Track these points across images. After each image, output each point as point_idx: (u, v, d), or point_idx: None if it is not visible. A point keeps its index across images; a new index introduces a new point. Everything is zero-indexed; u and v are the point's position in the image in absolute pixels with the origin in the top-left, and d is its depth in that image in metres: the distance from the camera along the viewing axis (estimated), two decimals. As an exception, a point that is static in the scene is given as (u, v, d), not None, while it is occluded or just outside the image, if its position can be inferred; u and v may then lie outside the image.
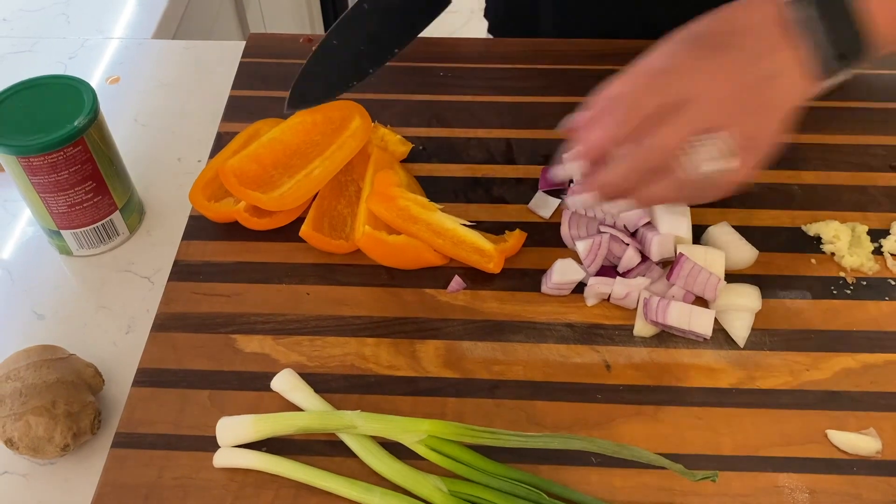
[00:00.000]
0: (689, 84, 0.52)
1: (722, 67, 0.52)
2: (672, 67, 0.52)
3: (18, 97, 0.64)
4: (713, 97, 0.51)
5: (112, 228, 0.69)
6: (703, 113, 0.51)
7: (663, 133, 0.51)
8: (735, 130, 0.52)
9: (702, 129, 0.51)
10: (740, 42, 0.52)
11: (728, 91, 0.51)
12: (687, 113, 0.51)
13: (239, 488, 0.54)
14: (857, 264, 0.65)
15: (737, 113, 0.52)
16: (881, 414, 0.57)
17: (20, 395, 0.55)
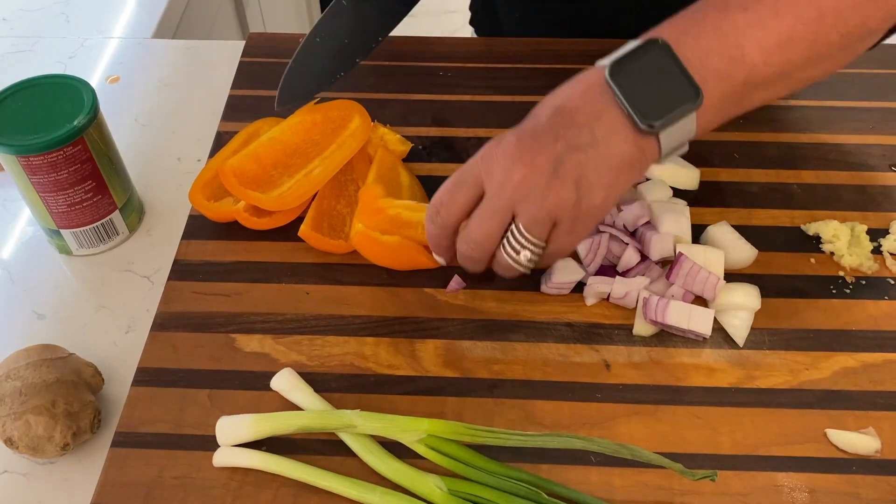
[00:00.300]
0: (488, 171, 0.54)
1: (524, 150, 0.53)
2: (482, 158, 0.55)
3: (18, 97, 0.64)
4: (507, 184, 0.53)
5: (112, 228, 0.69)
6: (499, 204, 0.54)
7: (472, 226, 0.55)
8: (529, 214, 0.53)
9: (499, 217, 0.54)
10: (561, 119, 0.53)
11: (519, 177, 0.53)
12: (485, 204, 0.54)
13: (239, 487, 0.54)
14: (856, 264, 0.65)
15: (528, 198, 0.53)
16: (880, 413, 0.57)
17: (20, 395, 0.55)
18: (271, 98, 0.78)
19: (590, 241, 0.63)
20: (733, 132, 0.75)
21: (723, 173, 0.72)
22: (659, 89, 0.52)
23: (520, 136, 0.54)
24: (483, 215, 0.55)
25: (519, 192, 0.53)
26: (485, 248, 0.56)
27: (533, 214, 0.53)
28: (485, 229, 0.55)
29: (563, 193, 0.53)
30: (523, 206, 0.53)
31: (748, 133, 0.75)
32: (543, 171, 0.52)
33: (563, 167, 0.52)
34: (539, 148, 0.53)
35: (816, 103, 0.77)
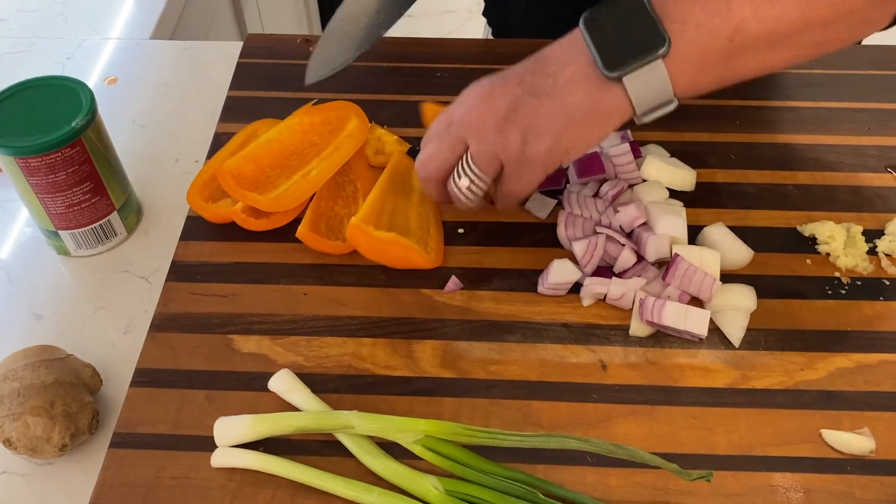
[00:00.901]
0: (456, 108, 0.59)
1: (489, 92, 0.57)
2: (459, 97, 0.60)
3: (16, 98, 0.64)
4: (464, 120, 0.58)
5: (110, 229, 0.69)
6: (454, 133, 0.58)
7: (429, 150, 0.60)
8: (475, 148, 0.57)
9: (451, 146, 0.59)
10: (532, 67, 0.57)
11: (477, 114, 0.57)
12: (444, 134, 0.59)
13: (237, 488, 0.54)
14: (851, 264, 0.65)
15: (478, 133, 0.57)
16: (875, 413, 0.57)
17: (18, 396, 0.55)
18: (269, 99, 0.79)
19: (587, 243, 0.64)
20: (730, 133, 0.75)
21: (719, 174, 0.72)
22: (628, 37, 0.51)
23: (491, 79, 0.58)
24: (440, 142, 0.59)
25: (472, 128, 0.57)
26: (435, 171, 0.60)
27: (479, 149, 0.57)
28: (437, 153, 0.59)
29: (511, 137, 0.56)
30: (473, 140, 0.57)
31: (744, 134, 0.75)
32: (498, 113, 0.56)
33: (517, 112, 0.55)
34: (501, 91, 0.57)
35: (812, 104, 0.77)
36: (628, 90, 0.53)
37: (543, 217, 0.69)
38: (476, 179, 0.58)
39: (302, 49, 0.84)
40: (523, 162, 0.56)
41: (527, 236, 0.68)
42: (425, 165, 0.61)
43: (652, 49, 0.51)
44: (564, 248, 0.67)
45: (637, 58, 0.51)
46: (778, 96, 0.78)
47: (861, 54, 0.82)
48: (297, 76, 0.80)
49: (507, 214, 0.69)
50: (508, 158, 0.57)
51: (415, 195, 0.69)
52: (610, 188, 0.67)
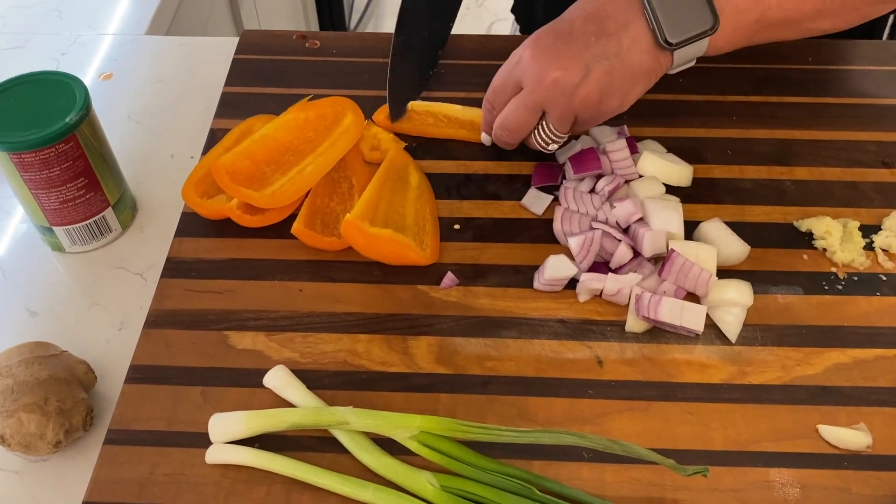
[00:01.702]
0: (527, 70, 0.63)
1: (558, 53, 0.61)
2: (523, 58, 0.63)
3: (10, 93, 0.64)
4: (542, 83, 0.62)
5: (104, 225, 0.69)
6: (532, 99, 0.63)
7: (508, 113, 0.65)
8: (557, 113, 0.63)
9: (531, 112, 0.64)
10: (593, 27, 0.61)
11: (554, 76, 0.61)
12: (521, 97, 0.64)
13: (231, 484, 0.54)
14: (848, 260, 0.65)
15: (559, 97, 0.62)
16: (872, 409, 0.57)
17: (12, 392, 0.55)
18: (265, 95, 0.78)
19: (583, 238, 0.63)
20: (726, 129, 0.75)
21: (716, 170, 0.72)
22: (684, 12, 0.60)
23: (556, 39, 0.62)
24: (518, 106, 0.64)
25: (551, 92, 0.62)
26: (516, 134, 0.67)
27: (561, 113, 0.63)
28: (519, 119, 0.65)
29: (587, 98, 0.61)
30: (553, 105, 0.63)
31: (741, 129, 0.75)
32: (574, 75, 0.61)
33: (592, 73, 0.61)
34: (572, 54, 0.61)
35: (809, 100, 0.77)
36: (675, 55, 0.61)
37: (539, 213, 0.69)
38: (560, 139, 0.66)
39: (298, 45, 0.83)
40: (597, 116, 0.64)
41: (523, 232, 0.67)
42: (506, 133, 0.66)
43: (705, 27, 0.60)
44: (560, 243, 0.67)
45: (692, 34, 0.60)
46: (775, 92, 0.78)
47: (857, 50, 0.82)
48: (293, 72, 0.81)
49: (503, 211, 0.69)
50: (586, 114, 0.63)
51: (411, 191, 0.69)
52: (606, 184, 0.67)
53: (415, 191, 0.69)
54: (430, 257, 0.65)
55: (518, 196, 0.70)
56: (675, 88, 0.77)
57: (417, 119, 0.75)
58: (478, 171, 0.72)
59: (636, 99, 0.64)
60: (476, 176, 0.72)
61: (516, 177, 0.72)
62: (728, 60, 0.80)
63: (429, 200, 0.69)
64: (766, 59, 0.80)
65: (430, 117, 0.75)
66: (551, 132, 0.65)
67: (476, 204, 0.70)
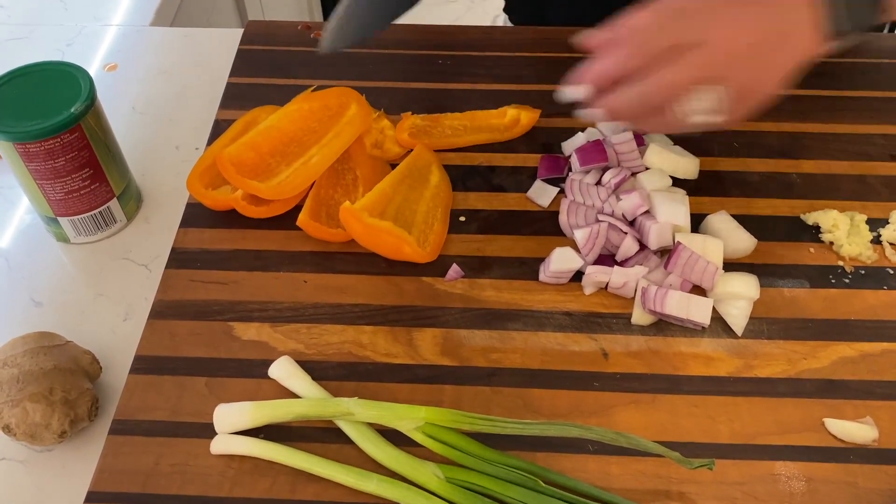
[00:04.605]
0: (703, 30, 0.52)
1: (738, 18, 0.52)
2: (693, 10, 0.53)
3: (15, 83, 0.64)
4: (722, 47, 0.52)
5: (109, 216, 0.69)
6: (708, 61, 0.52)
7: (665, 73, 0.52)
8: (732, 84, 0.53)
9: (703, 76, 0.52)
10: None
11: (739, 43, 0.52)
12: (694, 58, 0.52)
13: (236, 475, 0.54)
14: (855, 253, 0.65)
15: (740, 66, 0.52)
16: (878, 402, 0.57)
17: (17, 382, 0.55)
18: (270, 86, 0.78)
19: (588, 231, 0.63)
20: (733, 121, 0.74)
21: (722, 162, 0.71)
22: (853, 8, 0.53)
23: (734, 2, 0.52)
24: (689, 67, 0.52)
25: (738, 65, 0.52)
26: (666, 96, 0.53)
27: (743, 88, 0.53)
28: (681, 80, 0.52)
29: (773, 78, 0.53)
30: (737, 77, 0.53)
31: (748, 122, 0.74)
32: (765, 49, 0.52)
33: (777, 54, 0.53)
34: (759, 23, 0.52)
35: (817, 93, 0.77)
36: None
37: (545, 205, 0.68)
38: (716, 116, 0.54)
39: (303, 36, 0.83)
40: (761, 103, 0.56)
41: (528, 224, 0.67)
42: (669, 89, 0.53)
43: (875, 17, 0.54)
44: (566, 236, 0.66)
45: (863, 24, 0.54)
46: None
47: (867, 42, 0.81)
48: (298, 63, 0.80)
49: (508, 203, 0.69)
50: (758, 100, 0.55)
51: (428, 189, 0.68)
52: (612, 176, 0.67)
53: (432, 189, 0.69)
54: (427, 255, 0.64)
55: (524, 188, 0.70)
56: (681, 80, 0.77)
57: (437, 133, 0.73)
58: (483, 162, 0.72)
59: None
60: (481, 168, 0.72)
61: (522, 169, 0.71)
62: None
63: (443, 200, 0.68)
64: (773, 52, 0.80)
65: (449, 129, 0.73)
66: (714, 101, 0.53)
67: (481, 196, 0.70)
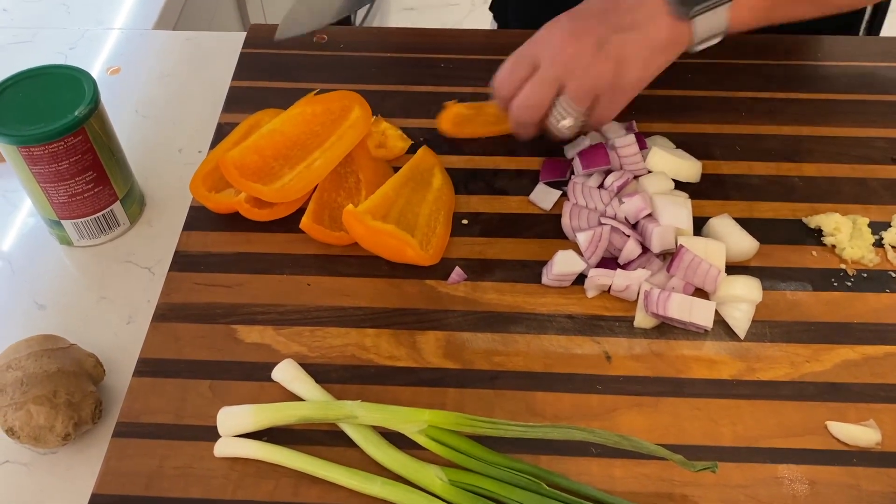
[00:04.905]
0: (542, 49, 0.63)
1: (574, 30, 0.62)
2: (538, 37, 0.64)
3: (19, 87, 0.64)
4: (557, 60, 0.62)
5: (113, 219, 0.69)
6: (548, 76, 0.62)
7: (526, 91, 0.64)
8: (574, 86, 0.62)
9: (548, 87, 0.62)
10: (609, 4, 0.61)
11: (570, 52, 0.61)
12: (538, 74, 0.63)
13: (240, 478, 0.54)
14: (857, 256, 0.65)
15: (575, 71, 0.61)
16: (881, 405, 0.57)
17: (21, 385, 0.55)
18: (272, 89, 0.79)
19: (591, 234, 0.63)
20: (735, 125, 0.75)
21: (724, 166, 0.72)
22: None
23: (572, 19, 0.63)
24: (535, 84, 0.63)
25: (568, 66, 0.61)
26: (536, 111, 0.64)
27: (578, 87, 0.62)
28: (537, 96, 0.63)
29: (605, 68, 0.61)
30: (570, 79, 0.62)
31: (750, 126, 0.75)
32: (589, 49, 0.61)
33: (607, 46, 0.60)
34: (587, 28, 0.61)
35: (818, 96, 0.77)
36: (695, 26, 0.61)
37: (548, 208, 0.69)
38: (577, 115, 0.63)
39: (305, 39, 0.83)
40: (616, 89, 0.62)
41: (531, 227, 0.67)
42: (526, 112, 0.64)
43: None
44: (569, 239, 0.67)
45: (708, 2, 0.59)
46: (784, 88, 0.78)
47: (867, 46, 0.82)
48: (301, 66, 0.81)
49: (510, 206, 0.69)
50: (604, 89, 0.62)
51: (431, 192, 0.69)
52: (615, 179, 0.67)
53: (435, 192, 0.69)
54: (430, 258, 0.65)
55: (526, 191, 0.70)
56: (684, 84, 0.77)
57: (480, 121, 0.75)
58: (486, 166, 0.72)
59: (659, 71, 0.63)
60: (484, 171, 0.72)
61: (524, 172, 0.71)
62: (737, 56, 0.80)
63: (446, 203, 0.68)
64: (775, 56, 0.80)
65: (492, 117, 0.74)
66: (569, 105, 0.63)
67: (484, 199, 0.70)
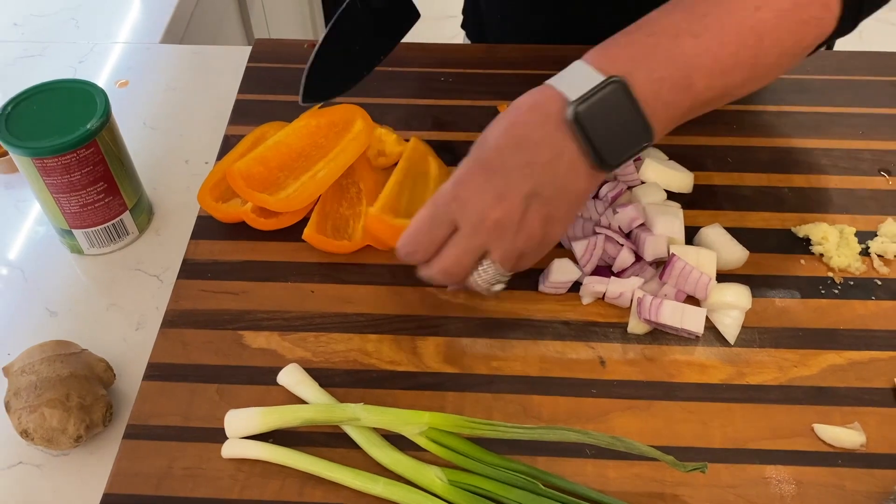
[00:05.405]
0: (464, 211, 0.56)
1: (497, 190, 0.55)
2: (457, 197, 0.57)
3: (34, 100, 0.66)
4: (480, 227, 0.56)
5: (122, 228, 0.71)
6: (473, 243, 0.57)
7: (447, 257, 0.58)
8: (500, 253, 0.57)
9: (472, 255, 0.57)
10: (525, 157, 0.55)
11: (497, 217, 0.56)
12: (459, 239, 0.57)
13: (246, 478, 0.56)
14: (844, 265, 0.67)
15: (501, 238, 0.56)
16: (866, 409, 0.59)
17: (35, 388, 0.57)
18: (277, 102, 0.81)
19: (586, 243, 0.65)
20: (726, 137, 0.77)
21: (716, 177, 0.74)
22: (616, 130, 0.55)
23: (489, 176, 0.56)
24: (458, 251, 0.57)
25: (494, 233, 0.56)
26: (457, 277, 0.59)
27: (506, 252, 0.57)
28: (460, 263, 0.58)
29: (533, 231, 0.57)
30: (497, 245, 0.57)
31: (741, 138, 0.77)
32: (515, 213, 0.56)
33: (532, 208, 0.56)
34: (509, 190, 0.55)
35: (807, 109, 0.79)
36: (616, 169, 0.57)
37: (544, 218, 0.71)
38: (504, 278, 0.59)
39: (309, 54, 0.85)
40: (541, 248, 0.59)
41: (528, 236, 0.69)
42: (447, 278, 0.59)
43: (642, 142, 0.56)
44: (565, 247, 0.69)
45: (629, 150, 0.56)
46: (774, 101, 0.80)
47: (855, 61, 0.84)
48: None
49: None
50: (530, 249, 0.58)
51: (431, 181, 0.71)
52: (609, 190, 0.69)
53: (435, 180, 0.71)
54: None
55: (523, 202, 0.72)
56: (676, 98, 0.79)
57: None
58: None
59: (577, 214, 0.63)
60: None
61: (522, 183, 0.73)
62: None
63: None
64: (765, 70, 0.82)
65: None
66: (496, 273, 0.58)
67: (483, 209, 0.71)
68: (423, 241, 0.58)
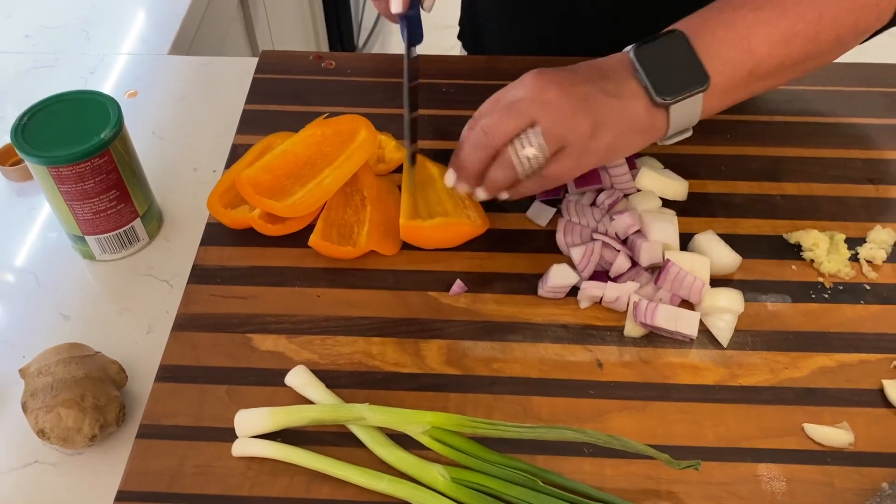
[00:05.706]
0: (524, 89, 0.61)
1: (560, 80, 0.61)
2: (523, 79, 0.62)
3: (49, 110, 0.68)
4: (537, 99, 0.60)
5: (133, 234, 0.73)
6: (524, 109, 0.60)
7: (490, 119, 0.61)
8: (546, 125, 0.59)
9: (520, 118, 0.60)
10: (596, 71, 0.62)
11: (552, 96, 0.60)
12: (512, 107, 0.60)
13: (256, 476, 0.58)
14: (834, 270, 0.68)
15: (553, 113, 0.60)
16: (854, 409, 0.61)
17: (51, 389, 0.59)
18: (284, 112, 0.83)
19: (584, 249, 0.67)
20: (720, 146, 0.79)
21: (710, 185, 0.75)
22: (674, 72, 0.60)
23: (559, 71, 0.61)
24: (507, 111, 0.60)
25: (547, 108, 0.60)
26: (495, 138, 0.61)
27: (552, 126, 0.59)
28: (504, 122, 0.60)
29: (583, 123, 0.60)
30: (547, 118, 0.59)
31: (734, 147, 0.79)
32: (573, 101, 0.59)
33: (590, 103, 0.60)
34: (574, 82, 0.60)
35: (799, 119, 0.81)
36: (671, 115, 0.61)
37: (543, 224, 0.73)
38: (539, 153, 0.60)
39: (314, 65, 0.88)
40: (586, 150, 0.61)
41: (528, 242, 0.71)
42: (491, 132, 0.60)
43: (697, 84, 0.60)
44: (563, 253, 0.70)
45: (685, 91, 0.60)
46: (767, 111, 0.82)
47: (847, 72, 0.86)
48: (310, 91, 0.85)
49: (509, 223, 0.73)
50: (574, 143, 0.60)
51: (438, 181, 0.73)
52: (606, 197, 0.71)
53: (441, 180, 0.73)
54: (482, 226, 0.70)
55: (523, 209, 0.74)
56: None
57: None
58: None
59: (627, 151, 0.63)
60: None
61: (521, 191, 0.75)
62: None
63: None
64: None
65: None
66: (535, 136, 0.59)
67: (483, 216, 0.74)
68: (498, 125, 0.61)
